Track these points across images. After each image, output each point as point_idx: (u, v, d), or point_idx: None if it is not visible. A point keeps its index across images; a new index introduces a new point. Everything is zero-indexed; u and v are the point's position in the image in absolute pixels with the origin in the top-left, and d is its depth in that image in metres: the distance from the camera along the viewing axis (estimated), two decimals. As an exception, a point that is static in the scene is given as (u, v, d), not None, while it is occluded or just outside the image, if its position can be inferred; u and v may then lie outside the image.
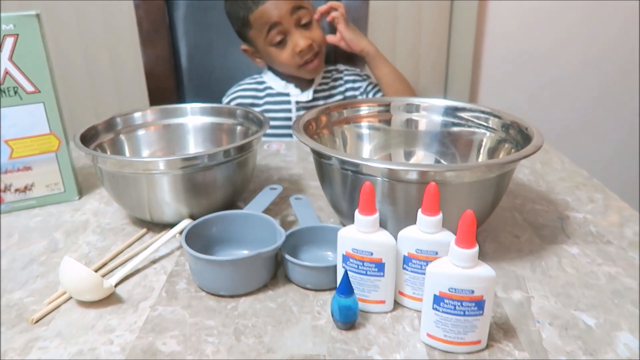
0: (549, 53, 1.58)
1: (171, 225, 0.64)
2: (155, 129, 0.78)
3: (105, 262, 0.59)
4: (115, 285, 0.54)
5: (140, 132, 0.77)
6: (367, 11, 1.23)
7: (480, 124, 0.69)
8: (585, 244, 0.63)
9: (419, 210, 0.47)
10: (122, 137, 0.75)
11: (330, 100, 1.15)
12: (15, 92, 0.68)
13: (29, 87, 0.69)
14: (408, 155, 0.74)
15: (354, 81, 1.18)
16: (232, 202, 0.69)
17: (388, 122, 0.76)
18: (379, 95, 1.17)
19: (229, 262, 0.51)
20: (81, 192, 0.77)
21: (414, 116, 0.75)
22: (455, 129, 0.72)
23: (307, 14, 1.04)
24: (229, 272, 0.52)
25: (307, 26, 1.05)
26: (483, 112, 0.69)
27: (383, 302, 0.50)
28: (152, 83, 1.25)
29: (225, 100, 1.17)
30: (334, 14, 1.09)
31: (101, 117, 0.73)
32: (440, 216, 0.47)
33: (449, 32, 1.38)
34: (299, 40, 1.03)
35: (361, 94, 1.18)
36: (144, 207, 0.64)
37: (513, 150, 0.63)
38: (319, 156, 0.60)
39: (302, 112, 1.10)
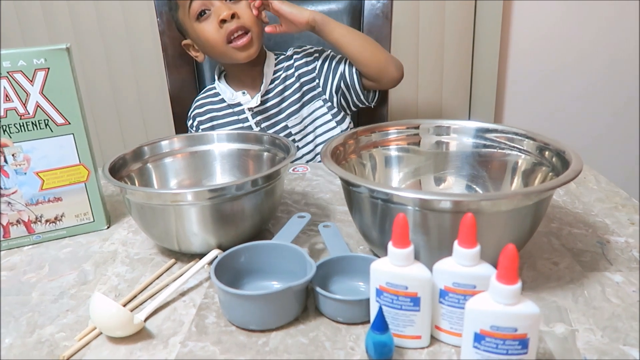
0: (574, 69, 1.55)
1: (199, 255, 0.64)
2: (182, 156, 0.78)
3: (135, 294, 0.59)
4: (145, 320, 0.53)
5: (168, 160, 0.77)
6: (389, 31, 1.22)
7: (514, 146, 0.67)
8: (629, 271, 0.60)
9: (455, 242, 0.46)
10: (150, 165, 0.75)
11: (286, 100, 1.07)
12: (46, 125, 0.69)
13: (59, 119, 0.70)
14: (438, 180, 0.73)
15: (306, 64, 1.08)
16: (260, 230, 0.68)
17: (417, 144, 0.74)
18: (341, 66, 1.05)
19: (260, 297, 0.50)
20: (109, 221, 0.78)
21: (444, 139, 0.73)
22: (487, 151, 0.70)
23: None
24: (260, 306, 0.50)
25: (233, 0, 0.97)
26: (516, 133, 0.67)
27: (419, 337, 0.48)
28: (177, 107, 1.26)
29: (189, 122, 1.13)
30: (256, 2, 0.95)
31: (128, 141, 0.74)
32: (478, 248, 0.45)
33: (472, 51, 1.36)
34: (222, 10, 0.95)
35: (318, 76, 1.07)
36: (172, 238, 0.63)
37: (550, 174, 0.60)
38: (347, 184, 0.59)
39: (258, 118, 1.07)
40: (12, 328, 0.54)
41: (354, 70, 1.04)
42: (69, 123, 0.70)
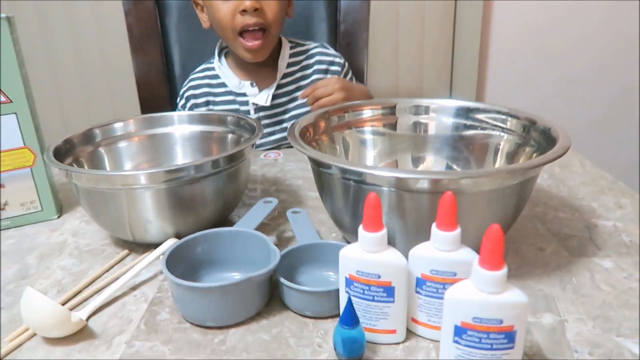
0: (557, 50, 1.52)
1: (156, 246, 0.58)
2: (139, 139, 0.72)
3: (79, 289, 0.52)
4: (88, 318, 0.47)
5: (122, 144, 0.71)
6: (368, 11, 1.17)
7: (496, 126, 0.63)
8: (619, 256, 0.56)
9: (433, 225, 0.41)
10: (102, 150, 0.69)
11: (294, 101, 1.00)
12: (-16, 103, 0.62)
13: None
14: (416, 161, 0.68)
15: (326, 70, 1.02)
16: (223, 218, 0.62)
17: (394, 126, 0.69)
18: None
19: (216, 289, 0.45)
20: (61, 211, 0.71)
21: (422, 119, 0.68)
22: (469, 132, 0.65)
23: None
24: (216, 299, 0.45)
25: None
26: (499, 112, 0.63)
27: (394, 331, 0.43)
28: (144, 92, 1.19)
29: (180, 102, 1.05)
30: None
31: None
32: (458, 231, 0.40)
33: (453, 31, 1.32)
34: None
35: None
36: (125, 227, 0.57)
37: (536, 154, 0.56)
38: (317, 165, 0.54)
39: (261, 114, 1.00)
40: (-64, 329, 0.48)
41: None
42: (11, 101, 0.64)
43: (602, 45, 1.51)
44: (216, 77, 1.03)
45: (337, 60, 1.04)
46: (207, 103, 1.02)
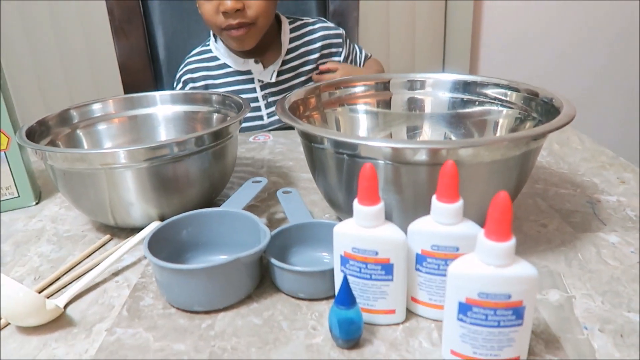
0: (553, 22, 1.49)
1: (139, 230, 0.55)
2: (119, 121, 0.68)
3: (57, 276, 0.49)
4: (66, 305, 0.44)
5: (101, 126, 0.67)
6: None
7: (496, 99, 0.60)
8: (625, 230, 0.53)
9: (434, 197, 0.38)
10: (80, 132, 0.65)
11: (301, 76, 0.98)
12: (-49, 82, 0.58)
13: (-32, 76, 0.59)
14: (412, 133, 0.65)
15: (329, 45, 1.00)
16: (210, 200, 0.59)
17: (387, 102, 0.67)
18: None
19: (203, 271, 0.42)
20: (39, 197, 0.68)
21: (418, 94, 0.65)
22: (467, 107, 0.62)
23: None
24: (203, 282, 0.42)
25: None
26: (498, 85, 0.60)
27: (393, 311, 0.41)
28: (127, 77, 1.16)
29: (177, 87, 1.01)
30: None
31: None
32: (460, 203, 0.37)
33: (445, 6, 1.28)
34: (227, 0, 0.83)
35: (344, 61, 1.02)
36: (106, 210, 0.54)
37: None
38: (308, 140, 0.51)
39: (267, 92, 0.97)
40: None
41: None
42: (-19, 81, 0.60)
43: (600, 20, 1.49)
44: (214, 59, 0.99)
45: (339, 32, 1.02)
46: (206, 87, 0.99)
